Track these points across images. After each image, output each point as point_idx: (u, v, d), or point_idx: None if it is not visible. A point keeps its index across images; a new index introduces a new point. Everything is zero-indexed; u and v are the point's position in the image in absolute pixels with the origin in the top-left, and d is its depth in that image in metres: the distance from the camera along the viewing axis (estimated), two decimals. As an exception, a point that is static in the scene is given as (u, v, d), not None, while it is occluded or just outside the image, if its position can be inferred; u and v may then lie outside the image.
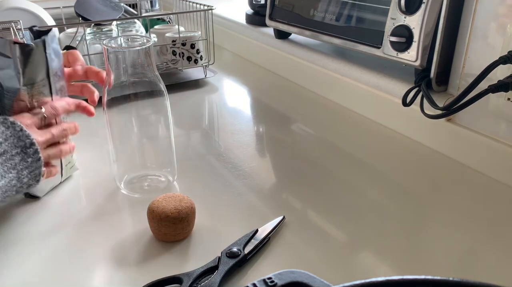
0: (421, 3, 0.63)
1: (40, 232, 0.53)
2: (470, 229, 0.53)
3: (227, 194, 0.60)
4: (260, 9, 1.16)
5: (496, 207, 0.57)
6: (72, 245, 0.51)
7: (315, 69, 0.94)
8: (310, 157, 0.71)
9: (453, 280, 0.23)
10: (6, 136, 0.45)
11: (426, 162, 0.68)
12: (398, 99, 0.71)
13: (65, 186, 0.63)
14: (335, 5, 0.81)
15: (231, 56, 1.28)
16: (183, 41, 0.97)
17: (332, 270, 0.47)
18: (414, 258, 0.49)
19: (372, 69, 0.80)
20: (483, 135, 0.63)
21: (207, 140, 0.77)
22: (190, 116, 0.88)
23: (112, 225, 0.54)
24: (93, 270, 0.47)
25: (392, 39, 0.68)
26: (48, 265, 0.48)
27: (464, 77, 0.65)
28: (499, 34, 0.59)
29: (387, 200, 0.59)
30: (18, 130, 0.46)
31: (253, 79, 1.10)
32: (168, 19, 1.23)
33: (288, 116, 0.87)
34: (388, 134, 0.77)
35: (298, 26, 0.92)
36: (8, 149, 0.45)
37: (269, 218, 0.54)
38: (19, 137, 0.46)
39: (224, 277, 0.44)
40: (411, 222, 0.55)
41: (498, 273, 0.47)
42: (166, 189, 0.61)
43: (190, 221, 0.51)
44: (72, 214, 0.56)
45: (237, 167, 0.67)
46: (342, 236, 0.52)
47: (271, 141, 0.77)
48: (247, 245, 0.49)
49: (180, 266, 0.47)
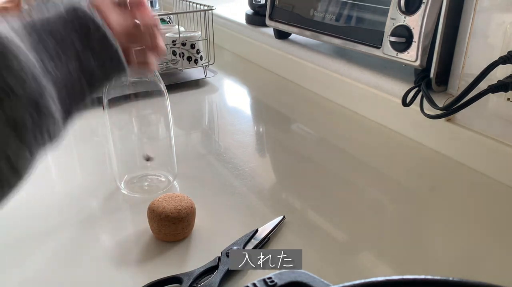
0: (421, 3, 0.63)
1: (40, 232, 0.53)
2: (470, 229, 0.53)
3: (227, 194, 0.60)
4: (260, 9, 1.16)
5: (496, 207, 0.57)
6: (72, 244, 0.51)
7: (315, 69, 0.94)
8: (310, 157, 0.71)
9: (453, 280, 0.23)
10: (66, 21, 0.38)
11: (426, 162, 0.68)
12: (398, 99, 0.71)
13: (65, 185, 0.63)
14: (335, 5, 0.81)
15: (231, 56, 1.28)
16: (183, 41, 0.97)
17: (332, 270, 0.47)
18: (414, 258, 0.49)
19: (372, 69, 0.80)
20: (483, 135, 0.63)
21: (207, 140, 0.78)
22: (190, 116, 0.88)
23: (112, 225, 0.54)
24: (93, 270, 0.47)
25: (392, 39, 0.68)
26: (48, 265, 0.48)
27: (464, 77, 0.65)
28: (499, 34, 0.59)
29: (387, 200, 0.59)
30: (81, 16, 0.38)
31: (253, 79, 1.10)
32: (168, 19, 1.23)
33: (288, 116, 0.87)
34: (388, 134, 0.77)
35: (298, 26, 0.91)
36: (65, 36, 0.37)
37: (269, 218, 0.54)
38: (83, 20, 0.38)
39: (224, 277, 0.44)
40: (411, 222, 0.55)
41: (498, 273, 0.47)
42: (166, 189, 0.61)
43: (190, 221, 0.51)
44: (72, 214, 0.56)
45: (237, 167, 0.67)
46: (342, 236, 0.52)
47: (271, 141, 0.77)
48: (247, 245, 0.49)
49: (180, 266, 0.47)
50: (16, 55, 0.33)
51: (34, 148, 0.35)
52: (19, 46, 0.33)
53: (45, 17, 0.38)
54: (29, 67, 0.34)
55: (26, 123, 0.33)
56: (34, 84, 0.34)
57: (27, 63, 0.33)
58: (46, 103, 0.35)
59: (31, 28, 0.36)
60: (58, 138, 0.37)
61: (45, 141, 0.36)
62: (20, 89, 0.33)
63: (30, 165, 0.35)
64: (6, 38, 0.33)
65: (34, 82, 0.34)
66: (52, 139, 0.36)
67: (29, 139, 0.34)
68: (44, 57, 0.36)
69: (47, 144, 0.36)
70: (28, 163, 0.35)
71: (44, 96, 0.35)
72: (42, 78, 0.35)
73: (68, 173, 0.67)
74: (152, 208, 0.50)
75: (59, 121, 0.37)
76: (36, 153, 0.35)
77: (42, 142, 0.35)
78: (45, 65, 0.35)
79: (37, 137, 0.35)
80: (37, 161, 0.36)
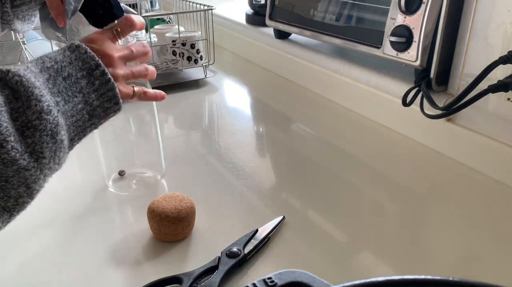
0: (421, 3, 0.63)
1: (38, 232, 0.53)
2: (470, 229, 0.53)
3: (227, 194, 0.60)
4: (260, 9, 1.16)
5: (496, 207, 0.57)
6: (72, 244, 0.51)
7: (315, 69, 0.94)
8: (310, 157, 0.71)
9: (453, 280, 0.23)
10: (70, 60, 0.43)
11: (426, 162, 0.68)
12: (398, 99, 0.71)
13: (56, 184, 0.63)
14: (335, 5, 0.81)
15: (231, 56, 1.28)
16: (183, 41, 0.97)
17: (332, 270, 0.47)
18: (414, 258, 0.49)
19: (372, 69, 0.80)
20: (483, 135, 0.63)
21: (207, 140, 0.77)
22: (190, 116, 0.88)
23: (112, 225, 0.54)
24: (93, 270, 0.47)
25: (392, 39, 0.68)
26: (48, 264, 0.48)
27: (464, 77, 0.65)
28: (499, 34, 0.59)
29: (387, 200, 0.59)
30: (82, 53, 0.44)
31: (253, 79, 1.10)
32: (168, 19, 1.23)
33: (288, 116, 0.87)
34: (388, 134, 0.77)
35: (298, 26, 0.91)
36: (72, 73, 0.42)
37: (269, 218, 0.54)
38: (84, 59, 0.44)
39: (224, 277, 0.44)
40: (411, 222, 0.55)
41: (498, 273, 0.47)
42: (154, 187, 0.61)
43: (190, 221, 0.51)
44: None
45: (237, 167, 0.67)
46: (342, 236, 0.52)
47: (271, 141, 0.77)
48: (247, 245, 0.49)
49: (180, 266, 0.47)
50: (33, 92, 0.38)
51: (47, 176, 0.40)
52: (34, 83, 0.38)
53: (52, 55, 0.42)
54: (46, 100, 0.39)
55: (45, 154, 0.38)
56: (49, 116, 0.38)
57: (43, 97, 0.38)
58: (60, 131, 0.40)
59: (42, 66, 0.41)
60: (63, 164, 0.42)
61: (56, 168, 0.41)
62: (38, 121, 0.38)
63: (41, 190, 0.40)
64: (24, 76, 0.38)
65: (49, 115, 0.38)
66: (60, 166, 0.42)
67: (45, 167, 0.39)
68: (55, 91, 0.41)
69: (57, 170, 0.41)
70: (41, 188, 0.40)
71: (59, 125, 0.39)
72: (54, 109, 0.39)
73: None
74: (152, 208, 0.50)
75: (66, 148, 0.41)
76: (48, 179, 0.40)
77: (54, 168, 0.40)
78: (56, 99, 0.40)
79: (50, 166, 0.40)
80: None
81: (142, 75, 0.52)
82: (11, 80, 0.37)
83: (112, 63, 0.47)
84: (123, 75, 0.48)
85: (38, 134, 0.37)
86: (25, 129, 0.37)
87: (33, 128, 0.37)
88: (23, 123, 0.37)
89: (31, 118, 0.37)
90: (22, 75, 0.38)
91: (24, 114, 0.37)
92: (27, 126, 0.37)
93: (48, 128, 0.38)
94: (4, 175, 0.35)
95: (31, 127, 0.37)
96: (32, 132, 0.37)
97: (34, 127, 0.37)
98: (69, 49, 0.44)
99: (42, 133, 0.38)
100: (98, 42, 0.47)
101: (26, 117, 0.37)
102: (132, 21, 0.51)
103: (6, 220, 0.38)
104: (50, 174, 0.40)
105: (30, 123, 0.37)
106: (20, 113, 0.37)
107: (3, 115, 0.36)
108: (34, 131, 0.37)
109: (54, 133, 0.39)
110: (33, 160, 0.37)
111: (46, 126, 0.38)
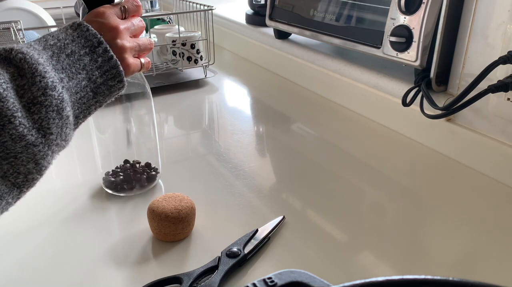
0: (421, 3, 0.63)
1: (38, 232, 0.53)
2: (470, 229, 0.53)
3: (227, 194, 0.60)
4: (260, 9, 1.16)
5: (496, 207, 0.57)
6: (72, 244, 0.51)
7: (315, 69, 0.94)
8: (310, 157, 0.71)
9: (453, 280, 0.23)
10: (73, 37, 0.43)
11: (426, 162, 0.68)
12: (398, 99, 0.71)
13: (56, 184, 0.63)
14: (335, 5, 0.81)
15: (231, 56, 1.28)
16: (183, 41, 0.97)
17: (332, 270, 0.47)
18: (414, 258, 0.49)
19: (372, 69, 0.80)
20: (483, 135, 0.63)
21: (207, 140, 0.78)
22: (190, 116, 0.88)
23: (112, 225, 0.54)
24: (93, 270, 0.47)
25: (392, 39, 0.68)
26: (48, 264, 0.48)
27: (464, 77, 0.65)
28: (499, 34, 0.59)
29: (387, 200, 0.59)
30: (84, 30, 0.44)
31: (253, 79, 1.10)
32: (168, 19, 1.23)
33: (288, 116, 0.87)
34: (388, 134, 0.77)
35: (298, 26, 0.92)
36: (75, 50, 0.43)
37: (269, 218, 0.54)
38: (86, 37, 0.44)
39: (224, 277, 0.44)
40: (411, 222, 0.55)
41: (498, 273, 0.47)
42: (151, 187, 0.61)
43: (190, 221, 0.51)
44: (69, 213, 0.56)
45: (237, 167, 0.67)
46: (342, 236, 0.52)
47: (271, 141, 0.77)
48: (247, 245, 0.49)
49: (180, 266, 0.47)
50: (37, 68, 0.38)
51: (55, 152, 0.40)
52: (38, 60, 0.38)
53: (54, 33, 0.43)
54: (51, 76, 0.39)
55: (52, 130, 0.38)
56: (54, 92, 0.38)
57: (47, 74, 0.38)
58: (65, 107, 0.40)
59: (45, 44, 0.41)
60: (70, 141, 0.42)
61: (63, 145, 0.41)
62: (43, 97, 0.38)
63: (49, 166, 0.40)
64: (28, 53, 0.38)
65: (54, 91, 0.38)
66: (67, 143, 0.42)
67: (53, 144, 0.39)
68: (59, 68, 0.40)
69: (64, 147, 0.41)
70: (49, 165, 0.40)
71: (64, 101, 0.40)
72: (59, 86, 0.39)
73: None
74: (152, 208, 0.50)
75: (72, 125, 0.41)
76: (56, 156, 0.41)
77: (62, 145, 0.41)
78: (60, 75, 0.40)
79: (58, 142, 0.40)
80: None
81: (148, 47, 0.52)
82: (15, 57, 0.37)
83: (120, 35, 0.47)
84: (130, 47, 0.49)
85: (44, 110, 0.37)
86: (31, 106, 0.37)
87: (39, 104, 0.37)
88: (29, 100, 0.37)
89: (37, 94, 0.37)
90: (25, 52, 0.38)
91: (29, 90, 0.37)
92: (33, 102, 0.37)
93: (54, 104, 0.38)
94: (13, 151, 0.36)
95: (37, 103, 0.37)
96: (38, 108, 0.37)
97: (40, 103, 0.37)
98: (71, 28, 0.44)
99: (48, 109, 0.38)
100: (105, 16, 0.47)
101: (31, 93, 0.37)
102: (138, 3, 0.51)
103: (16, 196, 0.38)
104: (58, 151, 0.41)
105: (36, 100, 0.37)
106: (26, 90, 0.37)
107: (10, 91, 0.36)
108: (40, 107, 0.37)
109: (60, 109, 0.39)
110: (41, 136, 0.37)
111: (51, 102, 0.38)
